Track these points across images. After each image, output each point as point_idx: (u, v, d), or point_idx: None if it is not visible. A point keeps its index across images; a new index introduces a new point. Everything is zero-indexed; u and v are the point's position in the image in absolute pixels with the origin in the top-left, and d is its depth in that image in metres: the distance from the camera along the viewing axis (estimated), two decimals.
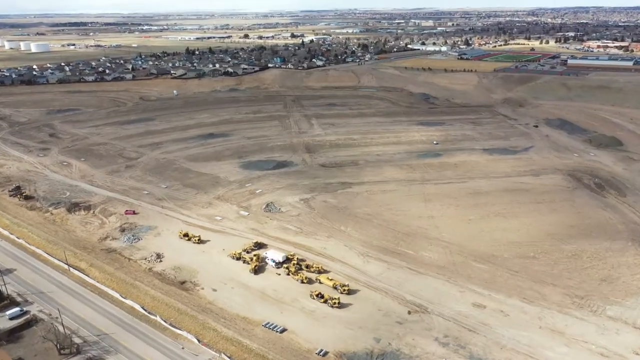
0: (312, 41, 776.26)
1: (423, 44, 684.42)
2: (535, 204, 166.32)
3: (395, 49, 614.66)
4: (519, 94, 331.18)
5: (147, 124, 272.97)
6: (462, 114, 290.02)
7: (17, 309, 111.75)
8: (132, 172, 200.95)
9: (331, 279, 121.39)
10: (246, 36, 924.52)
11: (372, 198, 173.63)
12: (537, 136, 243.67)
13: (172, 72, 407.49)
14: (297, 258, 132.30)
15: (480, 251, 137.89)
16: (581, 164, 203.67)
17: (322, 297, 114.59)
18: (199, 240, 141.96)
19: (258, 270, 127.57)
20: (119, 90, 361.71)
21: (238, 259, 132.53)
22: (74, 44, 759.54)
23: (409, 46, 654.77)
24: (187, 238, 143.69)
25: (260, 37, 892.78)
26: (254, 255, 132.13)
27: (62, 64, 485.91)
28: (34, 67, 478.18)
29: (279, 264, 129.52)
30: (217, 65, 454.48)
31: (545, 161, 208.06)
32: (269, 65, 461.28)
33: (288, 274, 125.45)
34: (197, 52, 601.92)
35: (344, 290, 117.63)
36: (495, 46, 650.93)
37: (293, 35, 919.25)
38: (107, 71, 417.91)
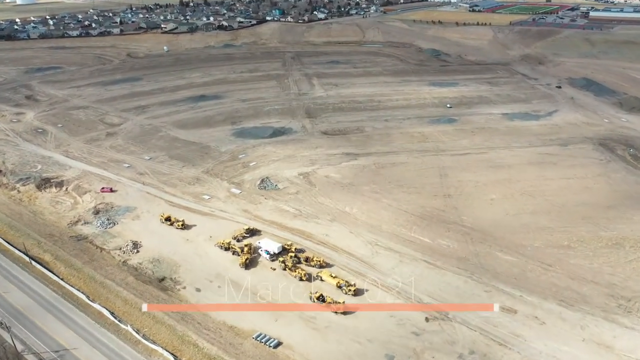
0: None
1: None
2: (566, 181, 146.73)
3: (401, 1, 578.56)
4: (537, 50, 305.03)
5: (133, 85, 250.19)
6: (476, 72, 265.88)
7: None
8: (113, 141, 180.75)
9: (334, 276, 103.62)
10: None
11: (380, 172, 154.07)
12: (561, 98, 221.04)
13: (162, 26, 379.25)
14: (295, 248, 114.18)
15: (507, 239, 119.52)
16: (613, 132, 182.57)
17: (324, 300, 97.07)
18: (182, 225, 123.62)
19: (249, 263, 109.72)
20: (105, 46, 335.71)
21: (227, 249, 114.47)
22: None
23: None
24: (169, 223, 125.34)
25: None
26: (245, 245, 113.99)
27: (47, 17, 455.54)
28: (17, 20, 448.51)
29: (273, 256, 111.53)
30: (212, 19, 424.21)
31: (573, 128, 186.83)
32: (267, 18, 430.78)
33: (284, 269, 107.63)
34: (191, 4, 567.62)
35: (350, 290, 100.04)
36: None
37: None
38: (94, 25, 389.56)
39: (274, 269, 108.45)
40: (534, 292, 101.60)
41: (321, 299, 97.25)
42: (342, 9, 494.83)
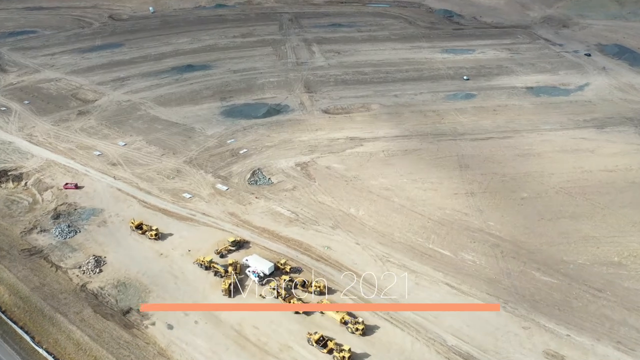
0: None
1: None
2: (607, 174, 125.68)
3: None
4: (560, 10, 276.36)
5: (113, 52, 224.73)
6: (494, 37, 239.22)
7: None
8: (85, 122, 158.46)
9: (338, 311, 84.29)
10: None
11: (390, 162, 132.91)
12: (592, 69, 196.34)
13: None
14: (290, 268, 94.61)
15: (544, 253, 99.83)
16: None
17: (326, 344, 78.04)
18: (156, 235, 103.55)
19: (235, 289, 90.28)
20: (87, 6, 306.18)
21: (207, 268, 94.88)
22: None
23: None
24: (140, 231, 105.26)
25: None
26: (230, 264, 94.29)
27: None
28: None
29: (263, 279, 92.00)
30: None
31: (609, 106, 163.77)
32: None
33: (277, 297, 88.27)
34: None
35: (357, 329, 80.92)
36: None
37: None
38: None
39: (264, 297, 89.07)
40: (584, 329, 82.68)
41: (322, 342, 78.13)
42: None
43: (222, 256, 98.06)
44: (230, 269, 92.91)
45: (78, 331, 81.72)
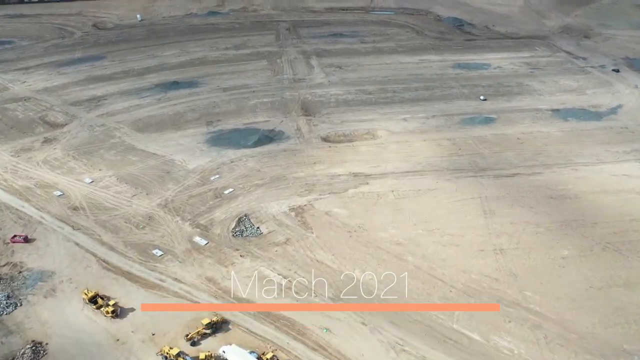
0: None
1: None
2: None
3: None
4: (579, 19, 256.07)
5: (93, 66, 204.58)
6: (510, 49, 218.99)
7: None
8: (50, 152, 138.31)
9: None
10: None
11: (401, 206, 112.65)
12: (623, 87, 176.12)
13: None
14: None
15: (598, 337, 79.63)
16: None
17: None
18: (113, 312, 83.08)
19: None
20: (71, 13, 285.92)
21: None
22: None
23: None
24: (95, 306, 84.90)
25: None
26: (205, 357, 73.94)
27: None
28: None
29: None
30: None
31: None
32: None
33: None
34: None
35: None
36: None
37: None
38: None
39: None
40: None
41: None
42: None
43: (193, 343, 77.77)
44: None
45: None
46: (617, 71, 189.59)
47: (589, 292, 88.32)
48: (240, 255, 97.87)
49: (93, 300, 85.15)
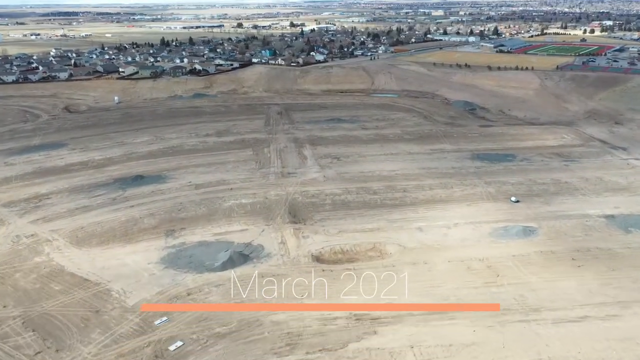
0: (313, 30, 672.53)
1: (445, 33, 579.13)
2: None
3: (413, 39, 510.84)
4: (605, 103, 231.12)
5: (48, 155, 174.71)
6: (534, 137, 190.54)
7: None
8: None
9: None
10: (240, 25, 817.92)
11: None
12: None
13: (120, 70, 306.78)
14: None
15: None
16: None
17: None
18: None
19: None
20: (44, 95, 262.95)
21: None
22: (37, 34, 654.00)
23: (428, 36, 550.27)
24: None
25: (255, 27, 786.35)
26: None
27: None
28: None
29: None
30: (185, 61, 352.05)
31: None
32: (254, 60, 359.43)
33: None
34: (174, 43, 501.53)
35: None
36: (532, 36, 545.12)
37: (292, 25, 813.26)
38: (41, 68, 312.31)
39: None
40: None
41: None
42: (345, 49, 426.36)
43: None
44: None
45: None
46: None
47: None
48: None
49: None
